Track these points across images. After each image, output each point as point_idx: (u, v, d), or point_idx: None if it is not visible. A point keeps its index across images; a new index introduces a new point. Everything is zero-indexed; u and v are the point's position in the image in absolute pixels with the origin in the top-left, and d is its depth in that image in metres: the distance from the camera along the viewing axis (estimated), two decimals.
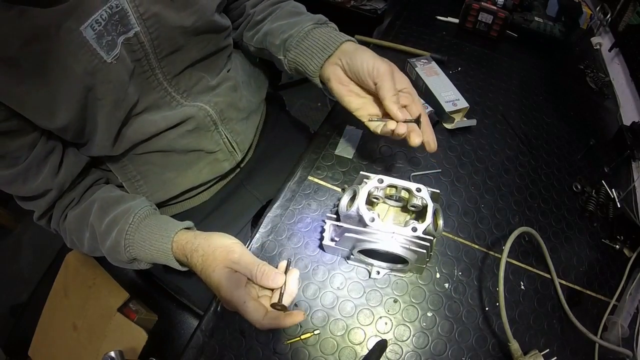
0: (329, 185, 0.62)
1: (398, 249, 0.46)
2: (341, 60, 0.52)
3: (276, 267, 0.46)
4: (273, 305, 0.44)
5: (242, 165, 0.76)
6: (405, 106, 0.50)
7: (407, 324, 0.53)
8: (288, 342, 0.50)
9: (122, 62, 0.47)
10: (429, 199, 0.47)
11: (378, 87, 0.48)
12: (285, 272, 0.46)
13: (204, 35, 0.56)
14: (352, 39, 0.55)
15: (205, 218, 0.72)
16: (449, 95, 0.70)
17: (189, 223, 0.53)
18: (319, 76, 0.55)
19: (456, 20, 0.91)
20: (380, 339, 0.51)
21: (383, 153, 0.66)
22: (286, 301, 0.44)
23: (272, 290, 0.46)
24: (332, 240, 0.52)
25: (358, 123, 0.70)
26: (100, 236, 0.52)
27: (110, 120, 0.50)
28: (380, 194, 0.50)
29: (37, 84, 0.42)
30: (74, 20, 0.42)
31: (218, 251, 0.46)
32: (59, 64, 0.42)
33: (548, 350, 0.52)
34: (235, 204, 0.76)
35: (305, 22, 0.58)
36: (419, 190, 0.48)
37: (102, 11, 0.43)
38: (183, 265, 0.51)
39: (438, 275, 0.56)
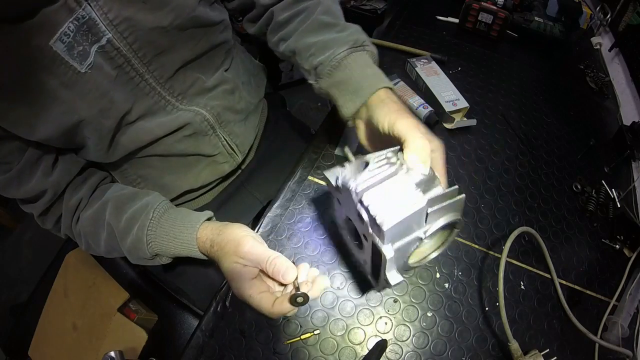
0: None
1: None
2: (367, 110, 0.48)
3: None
4: (292, 300, 0.40)
5: (242, 166, 0.76)
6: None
7: (407, 324, 0.53)
8: (288, 342, 0.50)
9: (99, 70, 0.47)
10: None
11: (403, 147, 0.41)
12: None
13: (192, 33, 0.54)
14: (388, 84, 0.48)
15: None
16: (449, 95, 0.70)
17: (208, 213, 0.52)
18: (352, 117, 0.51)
19: (456, 20, 0.91)
20: (380, 339, 0.51)
21: None
22: (304, 289, 0.41)
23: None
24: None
25: None
26: (119, 234, 0.51)
27: (99, 130, 0.50)
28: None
29: (16, 101, 0.42)
30: (42, 36, 0.41)
31: (228, 246, 0.45)
32: (34, 80, 0.42)
33: (548, 350, 0.52)
34: (236, 205, 0.75)
35: (339, 45, 0.50)
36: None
37: (69, 23, 0.43)
38: (206, 256, 0.50)
39: (438, 275, 0.56)
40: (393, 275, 0.36)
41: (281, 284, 0.44)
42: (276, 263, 0.42)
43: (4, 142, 0.46)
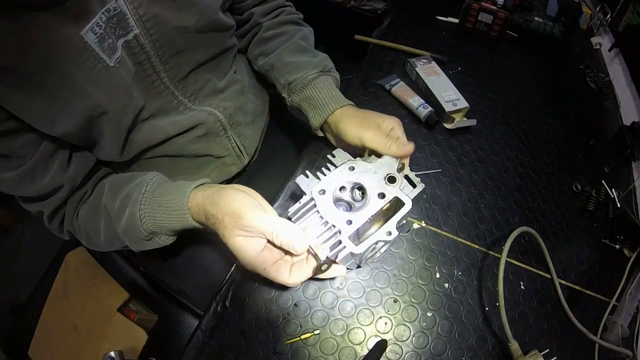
0: None
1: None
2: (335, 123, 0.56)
3: None
4: (316, 271, 0.40)
5: (247, 168, 0.76)
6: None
7: (407, 324, 0.53)
8: (288, 342, 0.50)
9: (124, 65, 0.46)
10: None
11: (369, 147, 0.51)
12: None
13: (209, 36, 0.55)
14: (347, 102, 0.58)
15: None
16: (449, 95, 0.70)
17: (202, 180, 0.49)
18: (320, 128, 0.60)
19: (456, 20, 0.91)
20: (380, 339, 0.51)
21: None
22: (323, 255, 0.40)
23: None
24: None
25: None
26: (114, 216, 0.49)
27: (118, 127, 0.49)
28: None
29: (35, 93, 0.41)
30: (72, 25, 0.40)
31: (226, 219, 0.41)
32: (58, 72, 0.41)
33: (548, 350, 0.52)
34: None
35: (310, 68, 0.60)
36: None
37: (100, 14, 0.42)
38: (204, 226, 0.47)
39: (438, 275, 0.56)
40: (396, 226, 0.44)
41: None
42: (283, 236, 0.39)
43: (19, 134, 0.44)
